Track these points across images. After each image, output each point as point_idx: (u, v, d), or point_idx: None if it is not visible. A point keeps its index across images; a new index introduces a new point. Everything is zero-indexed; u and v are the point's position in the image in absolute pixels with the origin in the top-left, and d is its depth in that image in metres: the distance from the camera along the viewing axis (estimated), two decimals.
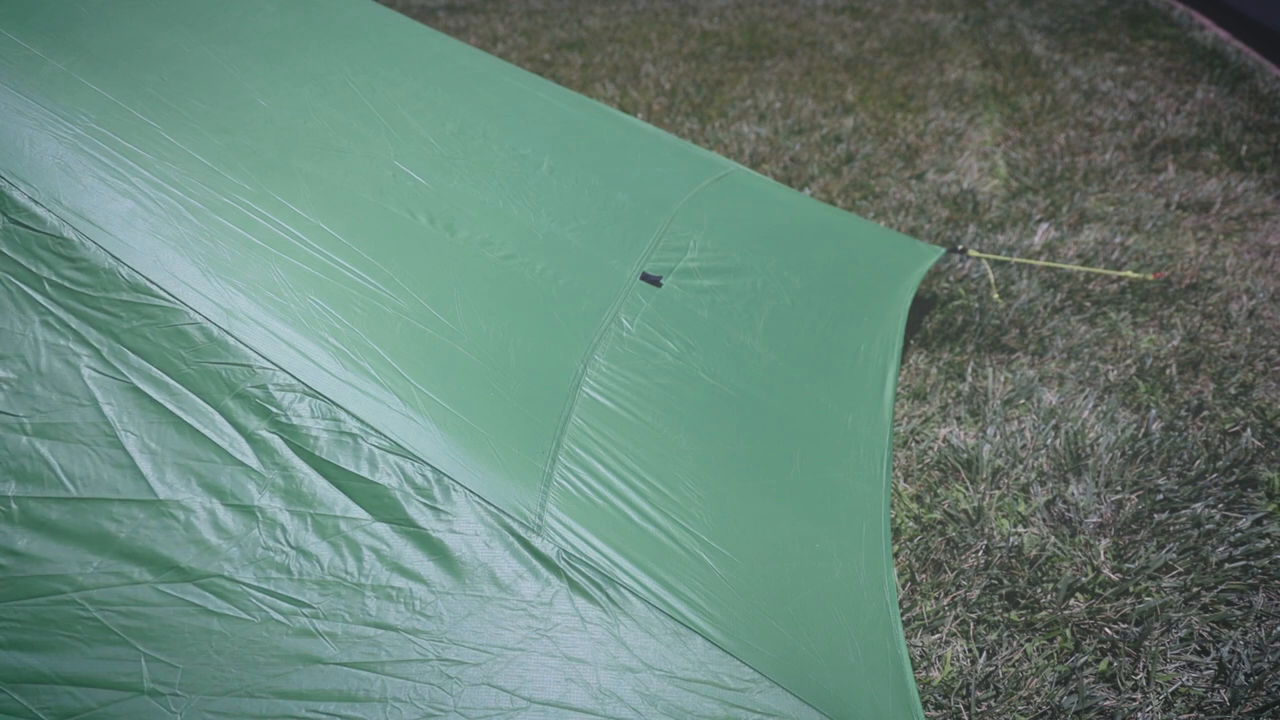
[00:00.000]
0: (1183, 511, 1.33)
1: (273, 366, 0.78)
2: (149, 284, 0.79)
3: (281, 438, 0.77)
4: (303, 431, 0.77)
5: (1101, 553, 1.28)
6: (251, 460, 0.76)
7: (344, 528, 0.75)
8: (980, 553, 1.29)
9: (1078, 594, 1.23)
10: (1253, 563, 1.24)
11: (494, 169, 1.17)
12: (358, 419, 0.78)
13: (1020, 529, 1.33)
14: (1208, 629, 1.17)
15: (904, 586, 1.26)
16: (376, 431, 0.77)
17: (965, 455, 1.47)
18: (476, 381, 0.86)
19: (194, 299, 0.79)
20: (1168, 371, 1.65)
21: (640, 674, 0.72)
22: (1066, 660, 1.15)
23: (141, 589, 0.73)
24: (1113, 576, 1.25)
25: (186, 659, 0.71)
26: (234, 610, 0.72)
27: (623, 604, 0.75)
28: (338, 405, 0.78)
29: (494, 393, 0.86)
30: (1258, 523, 1.30)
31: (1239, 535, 1.28)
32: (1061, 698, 1.09)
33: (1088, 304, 1.88)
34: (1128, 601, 1.21)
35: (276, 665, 0.71)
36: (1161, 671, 1.12)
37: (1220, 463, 1.41)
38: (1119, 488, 1.38)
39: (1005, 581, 1.25)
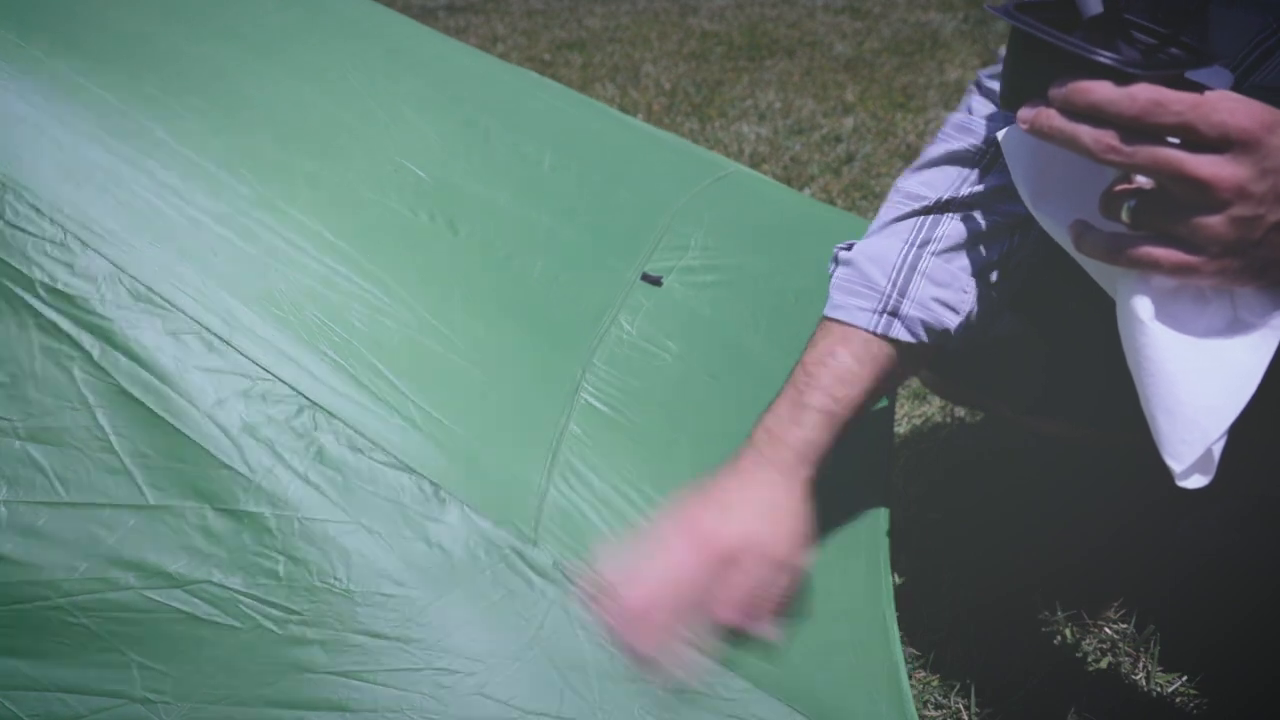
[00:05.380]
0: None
1: (271, 378, 0.78)
2: (149, 292, 0.79)
3: (272, 449, 0.76)
4: (297, 442, 0.77)
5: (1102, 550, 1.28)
6: (242, 468, 0.75)
7: (333, 532, 0.75)
8: (981, 553, 1.29)
9: (1077, 592, 1.23)
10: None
11: (496, 165, 1.16)
12: (355, 431, 0.78)
13: (1020, 528, 1.33)
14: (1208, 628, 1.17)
15: (903, 587, 1.26)
16: (373, 443, 0.77)
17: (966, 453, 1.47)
18: (474, 392, 0.86)
19: (192, 307, 0.79)
20: None
21: (634, 684, 0.72)
22: (1066, 660, 1.15)
23: (130, 595, 0.72)
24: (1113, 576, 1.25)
25: (177, 666, 0.70)
26: (224, 617, 0.72)
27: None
28: (334, 416, 0.78)
29: (491, 403, 0.86)
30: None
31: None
32: (1062, 697, 1.09)
33: None
34: (1128, 602, 1.21)
35: (266, 673, 0.70)
36: (1161, 671, 1.13)
37: None
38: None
39: (1006, 580, 1.25)
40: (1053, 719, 1.08)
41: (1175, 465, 0.63)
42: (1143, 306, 0.61)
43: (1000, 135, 0.70)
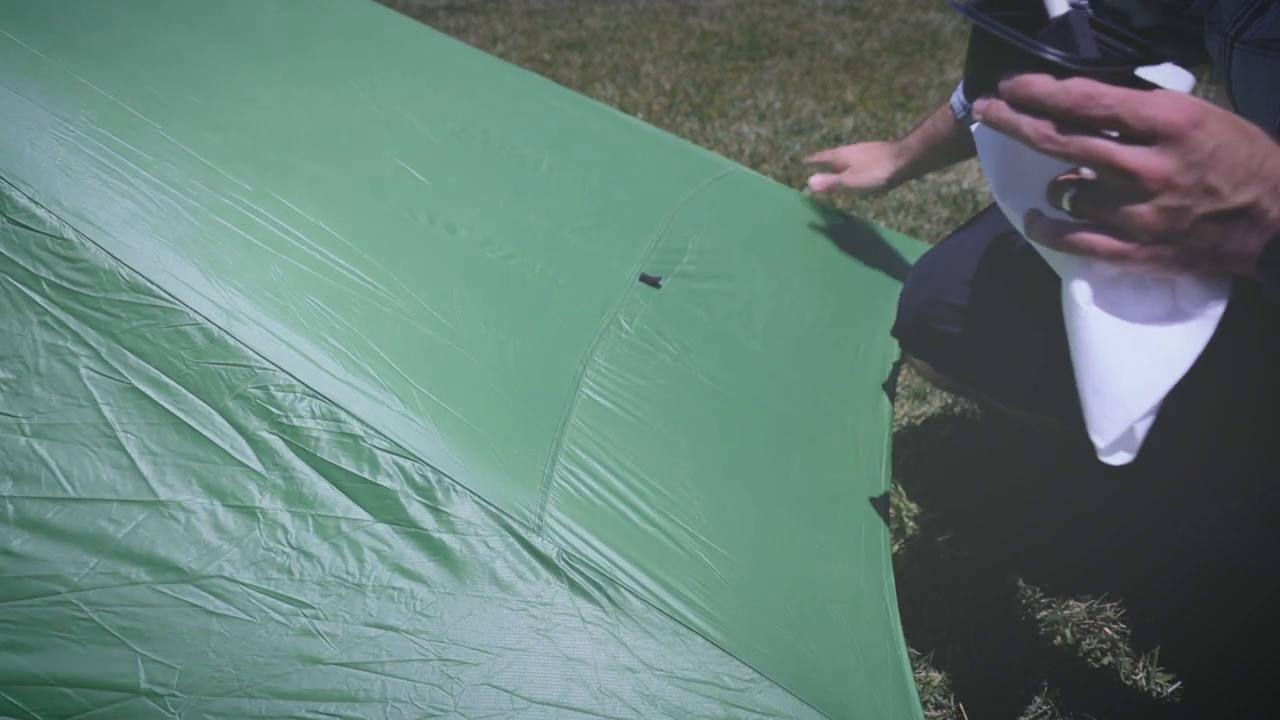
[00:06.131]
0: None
1: (273, 367, 0.78)
2: (149, 284, 0.79)
3: (283, 439, 0.77)
4: (303, 432, 0.77)
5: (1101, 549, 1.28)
6: (253, 461, 0.76)
7: (345, 528, 0.75)
8: (981, 553, 1.29)
9: (1077, 592, 1.23)
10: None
11: (494, 167, 1.17)
12: (358, 420, 0.78)
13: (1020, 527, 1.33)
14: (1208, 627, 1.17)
15: (904, 586, 1.26)
16: (377, 432, 0.77)
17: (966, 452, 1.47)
18: (476, 382, 0.86)
19: (194, 299, 0.79)
20: None
21: (640, 674, 0.72)
22: (1066, 660, 1.15)
23: (139, 590, 0.72)
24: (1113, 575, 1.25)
25: (185, 660, 0.71)
26: (234, 611, 0.72)
27: (623, 604, 0.75)
28: (338, 406, 0.78)
29: (494, 394, 0.86)
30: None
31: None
32: (1062, 697, 1.09)
33: None
34: (1128, 602, 1.21)
35: (276, 666, 0.71)
36: (1161, 671, 1.13)
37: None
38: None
39: (1006, 580, 1.25)
40: (1053, 719, 1.08)
41: (1099, 441, 0.64)
42: (1080, 291, 0.64)
43: (974, 129, 0.74)
